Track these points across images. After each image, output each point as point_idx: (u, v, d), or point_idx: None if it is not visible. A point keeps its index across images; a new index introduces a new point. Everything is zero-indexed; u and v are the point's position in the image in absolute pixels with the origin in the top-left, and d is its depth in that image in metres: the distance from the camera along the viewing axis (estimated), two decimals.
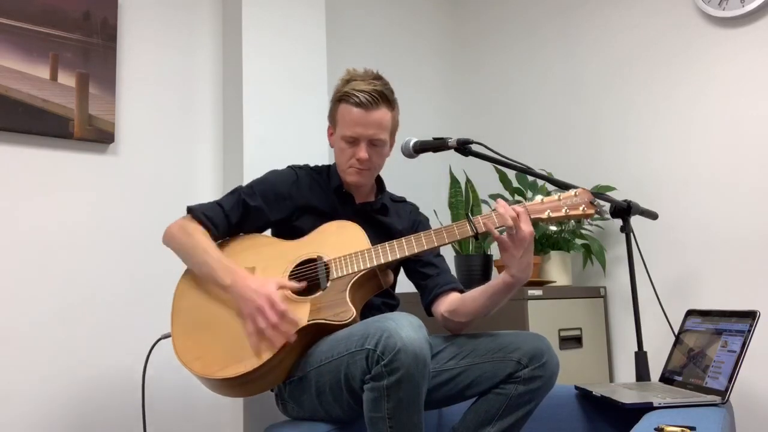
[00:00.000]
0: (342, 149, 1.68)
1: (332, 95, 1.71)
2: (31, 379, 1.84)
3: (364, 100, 1.61)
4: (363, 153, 1.64)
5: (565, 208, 1.54)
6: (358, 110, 1.62)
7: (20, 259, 1.87)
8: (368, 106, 1.62)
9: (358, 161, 1.65)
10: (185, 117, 2.23)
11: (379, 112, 1.64)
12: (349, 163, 1.67)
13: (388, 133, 1.69)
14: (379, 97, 1.63)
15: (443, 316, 1.65)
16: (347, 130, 1.64)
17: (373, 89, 1.62)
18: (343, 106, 1.65)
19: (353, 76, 1.68)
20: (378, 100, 1.63)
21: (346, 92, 1.64)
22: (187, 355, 1.51)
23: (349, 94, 1.63)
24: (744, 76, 2.14)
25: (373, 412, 1.32)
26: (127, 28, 2.13)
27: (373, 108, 1.62)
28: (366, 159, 1.65)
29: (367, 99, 1.61)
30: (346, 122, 1.64)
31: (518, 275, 1.51)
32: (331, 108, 1.71)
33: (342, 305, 1.49)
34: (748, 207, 2.10)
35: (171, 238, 1.63)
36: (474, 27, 3.04)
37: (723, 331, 1.62)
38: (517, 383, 1.52)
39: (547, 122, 2.70)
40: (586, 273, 2.50)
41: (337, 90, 1.69)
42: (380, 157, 1.70)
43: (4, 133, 1.87)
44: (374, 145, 1.66)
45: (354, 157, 1.65)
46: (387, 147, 1.71)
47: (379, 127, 1.64)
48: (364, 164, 1.66)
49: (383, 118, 1.65)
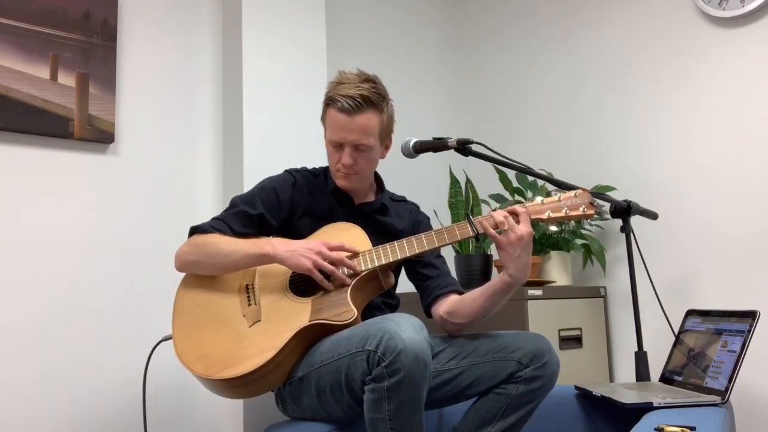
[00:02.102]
0: (330, 153, 1.68)
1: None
2: (32, 379, 1.84)
3: (347, 106, 1.58)
4: (347, 158, 1.63)
5: (565, 208, 1.54)
6: (342, 115, 1.60)
7: (20, 259, 1.87)
8: (351, 111, 1.59)
9: (343, 166, 1.65)
10: (185, 117, 2.22)
11: (363, 117, 1.60)
12: (335, 167, 1.68)
13: (375, 138, 1.64)
14: (363, 102, 1.59)
15: (442, 318, 1.65)
16: (332, 135, 1.64)
17: (358, 94, 1.59)
18: (330, 111, 1.64)
19: (342, 79, 1.65)
20: (362, 105, 1.59)
21: (331, 96, 1.63)
22: (188, 356, 1.51)
23: (334, 98, 1.61)
24: (744, 76, 2.14)
25: (373, 413, 1.32)
26: (127, 28, 2.13)
27: (356, 113, 1.59)
28: (350, 164, 1.63)
29: (349, 104, 1.58)
30: (331, 127, 1.63)
31: (516, 275, 1.51)
32: (322, 111, 1.70)
33: (343, 306, 1.49)
34: (748, 207, 2.10)
35: (185, 254, 1.60)
36: (474, 28, 3.04)
37: (723, 331, 1.62)
38: (518, 383, 1.52)
39: (547, 122, 2.70)
40: (586, 273, 2.50)
41: (326, 93, 1.67)
42: (368, 162, 1.67)
43: (4, 133, 1.87)
44: (359, 150, 1.63)
45: (340, 161, 1.65)
46: (375, 151, 1.67)
47: (362, 133, 1.61)
48: (349, 169, 1.65)
49: (368, 123, 1.61)
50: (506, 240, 1.48)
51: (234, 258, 1.55)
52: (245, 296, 1.58)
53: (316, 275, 1.51)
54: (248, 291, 1.59)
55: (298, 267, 1.51)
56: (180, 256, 1.61)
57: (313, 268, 1.50)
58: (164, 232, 2.10)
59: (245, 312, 1.55)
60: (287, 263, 1.52)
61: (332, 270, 1.52)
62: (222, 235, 1.60)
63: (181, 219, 2.12)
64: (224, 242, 1.57)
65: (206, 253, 1.57)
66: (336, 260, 1.52)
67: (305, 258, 1.50)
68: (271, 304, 1.55)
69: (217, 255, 1.56)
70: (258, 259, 1.55)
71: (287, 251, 1.52)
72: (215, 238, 1.59)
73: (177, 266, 1.63)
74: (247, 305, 1.56)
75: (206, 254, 1.57)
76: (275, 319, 1.51)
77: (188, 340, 1.54)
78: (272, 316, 1.52)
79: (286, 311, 1.53)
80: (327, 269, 1.51)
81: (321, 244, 1.53)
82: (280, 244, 1.55)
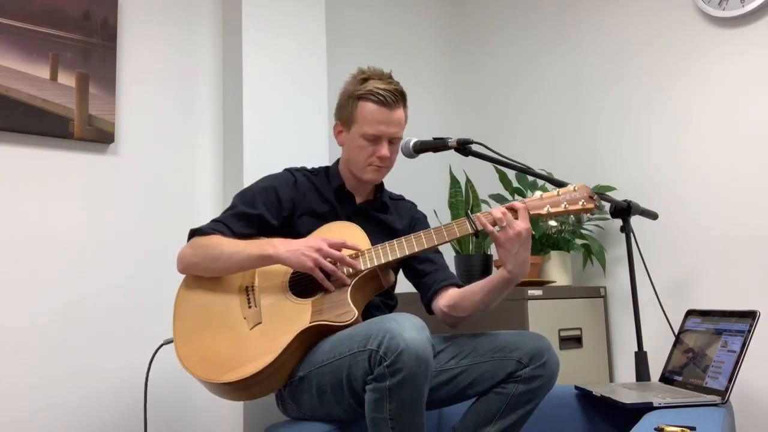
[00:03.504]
0: (361, 147, 1.68)
1: (345, 93, 1.71)
2: (32, 380, 1.84)
3: (388, 99, 1.64)
4: (385, 151, 1.67)
5: (564, 203, 1.53)
6: (382, 109, 1.65)
7: (20, 259, 1.87)
8: (391, 104, 1.65)
9: (380, 159, 1.67)
10: (185, 117, 2.22)
11: (400, 111, 1.68)
12: (368, 161, 1.69)
13: (403, 131, 1.73)
14: (400, 96, 1.68)
15: (442, 311, 1.65)
16: (369, 128, 1.65)
17: (394, 89, 1.67)
18: (365, 104, 1.66)
19: (369, 74, 1.69)
20: (399, 99, 1.67)
21: (368, 90, 1.65)
22: (189, 360, 1.51)
23: (373, 92, 1.64)
24: (744, 76, 2.14)
25: (374, 413, 1.32)
26: (127, 28, 2.13)
27: (396, 106, 1.66)
28: (387, 157, 1.68)
29: (390, 98, 1.65)
30: (368, 120, 1.65)
31: (515, 271, 1.50)
32: (346, 105, 1.70)
33: (344, 306, 1.49)
34: (748, 207, 2.10)
35: (187, 256, 1.60)
36: (473, 27, 3.04)
37: (723, 331, 1.62)
38: (518, 383, 1.52)
39: (547, 122, 2.70)
40: (586, 273, 2.50)
41: (353, 88, 1.69)
42: (396, 155, 1.74)
43: (4, 133, 1.87)
44: (392, 143, 1.70)
45: (374, 155, 1.67)
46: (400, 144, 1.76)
47: (399, 126, 1.69)
48: (384, 162, 1.69)
49: (402, 117, 1.70)
50: (504, 236, 1.48)
51: (236, 259, 1.55)
52: (245, 298, 1.58)
53: (317, 274, 1.51)
54: (248, 292, 1.59)
55: (300, 266, 1.51)
56: (182, 259, 1.61)
57: (314, 266, 1.50)
58: (164, 232, 2.10)
59: (246, 314, 1.55)
60: (289, 263, 1.52)
61: (333, 269, 1.52)
62: (223, 237, 1.59)
63: (181, 219, 2.12)
64: (226, 244, 1.57)
65: (209, 255, 1.57)
66: (337, 258, 1.53)
67: (306, 257, 1.50)
68: (272, 305, 1.55)
69: (220, 257, 1.56)
70: (260, 261, 1.55)
71: (288, 251, 1.52)
72: (217, 239, 1.58)
73: (179, 269, 1.63)
74: (247, 307, 1.56)
75: (209, 257, 1.57)
76: (276, 321, 1.51)
77: (189, 343, 1.53)
78: (273, 318, 1.52)
79: (287, 313, 1.52)
80: (328, 268, 1.51)
81: (322, 241, 1.53)
82: (281, 244, 1.55)
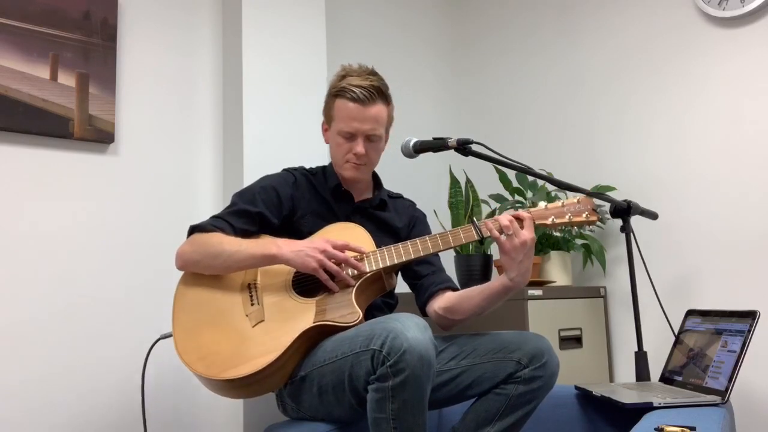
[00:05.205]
0: (339, 144, 1.68)
1: (328, 91, 1.72)
2: (31, 378, 1.84)
3: (360, 96, 1.63)
4: (360, 148, 1.66)
5: (569, 214, 1.57)
6: (355, 105, 1.64)
7: (20, 259, 1.87)
8: (365, 101, 1.63)
9: (355, 156, 1.67)
10: (185, 117, 2.22)
11: (376, 108, 1.66)
12: (345, 158, 1.69)
13: (384, 128, 1.71)
14: (376, 93, 1.65)
15: (437, 314, 1.65)
16: (344, 126, 1.65)
17: (369, 84, 1.64)
18: (340, 101, 1.66)
19: (348, 71, 1.69)
20: (374, 96, 1.65)
21: (342, 87, 1.65)
22: (190, 356, 1.50)
23: (346, 89, 1.64)
24: (744, 76, 2.14)
25: (377, 413, 1.32)
26: (127, 28, 2.13)
27: (370, 103, 1.64)
28: (363, 154, 1.66)
29: (363, 94, 1.63)
30: (343, 117, 1.65)
31: (517, 279, 1.51)
32: (327, 103, 1.72)
33: (348, 307, 1.49)
34: (748, 207, 2.10)
35: (187, 253, 1.59)
36: (473, 27, 3.04)
37: (723, 331, 1.62)
38: (518, 383, 1.52)
39: (547, 122, 2.70)
40: (586, 273, 2.50)
41: (332, 85, 1.70)
42: (376, 152, 1.72)
43: (4, 133, 1.87)
44: (371, 140, 1.67)
45: (351, 152, 1.67)
46: (383, 142, 1.73)
47: (375, 122, 1.66)
48: (361, 159, 1.67)
49: (379, 113, 1.67)
50: (510, 244, 1.49)
51: (238, 258, 1.54)
52: (248, 295, 1.58)
53: (321, 275, 1.51)
54: (251, 290, 1.59)
55: (304, 267, 1.51)
56: (181, 256, 1.60)
57: (318, 268, 1.50)
58: (164, 232, 2.10)
59: (248, 311, 1.55)
60: (293, 264, 1.52)
61: (337, 271, 1.52)
62: (224, 234, 1.59)
63: (181, 218, 2.12)
64: (228, 242, 1.56)
65: (209, 252, 1.56)
66: (342, 260, 1.53)
67: (310, 258, 1.50)
68: (275, 303, 1.55)
69: (221, 255, 1.55)
70: (263, 260, 1.55)
71: (292, 252, 1.52)
72: (218, 237, 1.58)
73: (178, 266, 1.62)
74: (249, 304, 1.56)
75: (209, 254, 1.56)
76: (279, 320, 1.51)
77: (190, 339, 1.53)
78: (276, 317, 1.52)
79: (290, 312, 1.52)
80: (332, 270, 1.51)
81: (326, 242, 1.53)
82: (285, 244, 1.54)
